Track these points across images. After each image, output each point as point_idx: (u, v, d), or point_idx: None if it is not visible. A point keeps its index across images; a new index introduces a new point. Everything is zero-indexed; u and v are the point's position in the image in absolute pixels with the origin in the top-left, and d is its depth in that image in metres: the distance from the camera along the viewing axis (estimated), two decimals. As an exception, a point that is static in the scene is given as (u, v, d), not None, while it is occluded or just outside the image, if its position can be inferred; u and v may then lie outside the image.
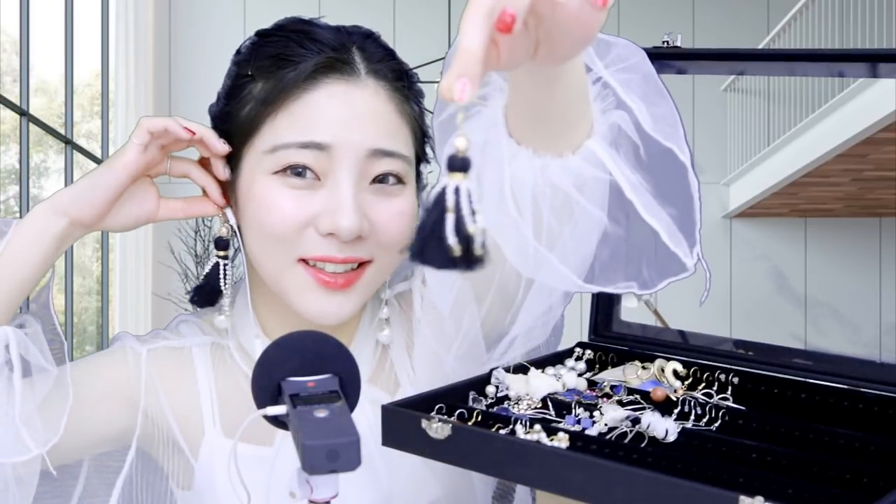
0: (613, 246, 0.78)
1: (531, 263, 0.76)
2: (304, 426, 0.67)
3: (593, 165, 0.73)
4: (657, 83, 0.77)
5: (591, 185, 0.74)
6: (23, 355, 0.87)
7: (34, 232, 0.88)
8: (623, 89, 0.75)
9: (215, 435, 0.96)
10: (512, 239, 0.75)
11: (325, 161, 0.88)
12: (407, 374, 0.99)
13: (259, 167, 0.90)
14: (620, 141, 0.75)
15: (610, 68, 0.76)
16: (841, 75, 1.06)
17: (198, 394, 0.98)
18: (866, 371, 0.85)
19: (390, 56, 0.93)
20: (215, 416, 0.97)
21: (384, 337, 0.99)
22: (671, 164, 0.76)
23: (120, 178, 0.89)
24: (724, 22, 8.71)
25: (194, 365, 0.99)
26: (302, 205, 0.88)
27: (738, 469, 0.72)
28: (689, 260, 0.75)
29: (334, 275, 0.89)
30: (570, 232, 0.75)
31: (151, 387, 0.97)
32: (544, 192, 0.73)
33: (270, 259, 0.91)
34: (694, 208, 0.76)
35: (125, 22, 7.87)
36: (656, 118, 0.75)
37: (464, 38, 0.54)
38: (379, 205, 0.90)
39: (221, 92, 0.95)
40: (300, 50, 0.89)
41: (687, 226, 0.76)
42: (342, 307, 0.90)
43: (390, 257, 0.92)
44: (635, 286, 0.78)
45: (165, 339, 1.00)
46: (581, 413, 0.83)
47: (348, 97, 0.89)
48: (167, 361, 0.98)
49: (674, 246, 0.74)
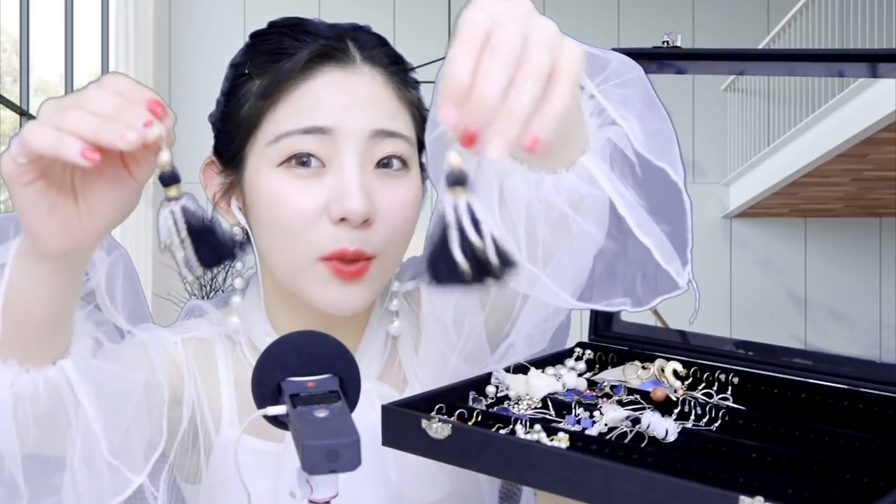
0: (608, 262, 0.79)
1: (524, 280, 0.76)
2: (304, 426, 0.67)
3: (588, 182, 0.73)
4: (653, 98, 0.77)
5: (588, 203, 0.74)
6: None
7: (25, 279, 0.72)
8: (617, 106, 0.75)
9: (231, 429, 0.95)
10: None
11: (328, 146, 0.88)
12: (415, 373, 0.99)
13: (263, 160, 0.90)
14: (616, 157, 0.75)
15: (605, 84, 0.76)
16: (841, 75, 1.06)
17: (220, 386, 0.97)
18: (866, 371, 0.85)
19: (383, 43, 0.94)
20: (233, 410, 0.97)
21: (394, 328, 0.99)
22: (665, 181, 0.76)
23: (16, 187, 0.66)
24: (724, 22, 8.70)
25: (216, 357, 0.98)
26: (311, 194, 0.88)
27: (738, 469, 0.72)
28: (681, 279, 0.75)
29: (347, 264, 0.89)
30: (567, 249, 0.75)
31: (192, 375, 0.96)
32: (539, 208, 0.73)
33: (288, 256, 0.90)
34: (686, 227, 0.76)
35: (125, 22, 7.87)
36: (650, 135, 0.75)
37: (452, 63, 0.55)
38: (383, 191, 0.90)
39: (220, 97, 0.96)
40: (294, 42, 0.90)
41: (680, 243, 0.76)
42: (357, 296, 0.90)
43: (394, 251, 0.92)
44: (629, 303, 0.79)
45: (192, 329, 0.99)
46: (581, 413, 0.83)
47: (345, 84, 0.89)
48: (198, 352, 0.97)
49: (666, 263, 0.74)
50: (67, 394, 0.77)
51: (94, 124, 0.61)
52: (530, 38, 0.58)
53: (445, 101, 0.56)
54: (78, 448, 0.79)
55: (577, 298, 0.78)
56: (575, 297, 0.78)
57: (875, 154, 6.75)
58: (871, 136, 6.33)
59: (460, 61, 0.56)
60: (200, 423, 0.96)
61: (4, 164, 0.65)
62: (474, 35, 0.57)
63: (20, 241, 0.71)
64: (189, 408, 0.95)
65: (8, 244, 0.73)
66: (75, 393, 0.77)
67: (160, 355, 0.91)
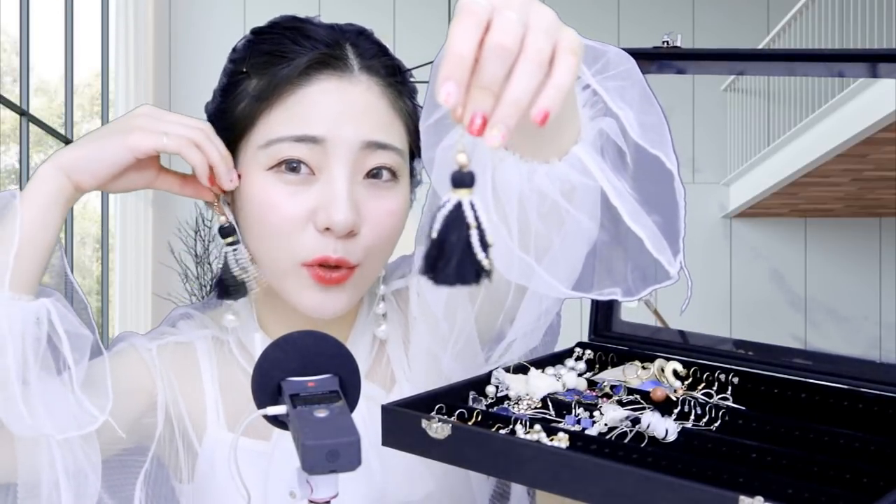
0: (599, 252, 0.79)
1: (516, 270, 0.76)
2: (304, 426, 0.67)
3: (580, 172, 0.73)
4: (647, 91, 0.78)
5: (581, 193, 0.74)
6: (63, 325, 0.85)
7: (45, 194, 0.86)
8: (613, 97, 0.75)
9: (218, 429, 0.97)
10: (497, 245, 0.75)
11: (319, 155, 0.88)
12: (403, 371, 0.99)
13: (254, 163, 0.90)
14: (607, 147, 0.75)
15: (600, 75, 0.76)
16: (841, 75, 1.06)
17: (203, 388, 0.98)
18: (866, 371, 0.85)
19: (383, 52, 0.94)
20: (219, 411, 0.97)
21: (381, 332, 1.00)
22: (658, 172, 0.76)
23: (128, 158, 0.87)
24: (724, 22, 8.70)
25: (198, 359, 0.99)
26: (298, 200, 0.89)
27: (738, 469, 0.72)
28: (672, 268, 0.75)
29: (329, 270, 0.90)
30: (560, 239, 0.75)
31: (167, 381, 0.97)
32: (531, 198, 0.73)
33: (271, 257, 0.91)
34: (679, 217, 0.76)
35: (125, 22, 7.87)
36: (645, 126, 0.76)
37: (453, 43, 0.55)
38: (371, 201, 0.90)
39: (217, 88, 0.96)
40: (294, 46, 0.90)
41: (671, 234, 0.76)
42: (337, 301, 0.91)
43: (377, 260, 0.94)
44: (619, 293, 0.79)
45: (171, 334, 1.01)
46: (581, 413, 0.83)
47: (341, 92, 0.89)
48: (175, 356, 0.99)
49: (657, 253, 0.74)
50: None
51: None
52: (531, 25, 0.58)
53: (446, 80, 0.56)
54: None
55: (572, 288, 0.78)
56: (569, 287, 0.78)
57: (875, 154, 6.75)
58: (871, 136, 6.33)
59: (460, 39, 0.56)
60: (179, 426, 0.97)
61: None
62: (475, 13, 0.57)
63: (63, 163, 0.86)
64: (164, 412, 0.96)
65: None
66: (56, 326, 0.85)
67: (124, 367, 0.95)
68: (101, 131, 0.89)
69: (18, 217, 0.84)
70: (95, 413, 0.85)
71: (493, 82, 0.57)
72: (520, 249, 0.75)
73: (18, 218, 0.84)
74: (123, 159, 0.87)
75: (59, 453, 0.85)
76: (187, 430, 0.97)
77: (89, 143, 0.88)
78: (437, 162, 0.77)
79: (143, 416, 0.95)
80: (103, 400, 0.86)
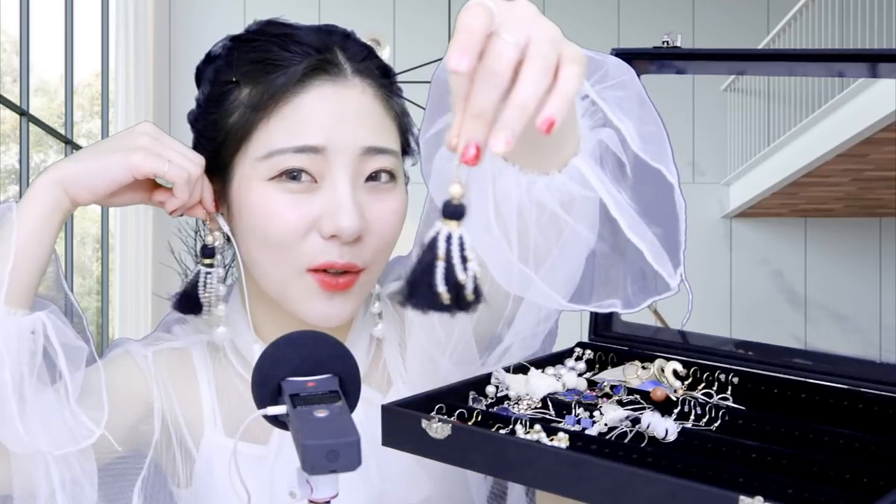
0: (599, 264, 0.79)
1: (515, 282, 0.76)
2: (304, 426, 0.67)
3: (579, 184, 0.73)
4: (645, 100, 0.78)
5: (580, 204, 0.74)
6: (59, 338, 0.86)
7: (42, 207, 0.86)
8: (613, 108, 0.75)
9: (215, 434, 0.96)
10: (497, 257, 0.75)
11: (320, 163, 0.88)
12: (400, 374, 0.99)
13: (254, 174, 0.89)
14: (607, 159, 0.75)
15: (599, 85, 0.76)
16: (841, 75, 1.06)
17: (199, 393, 0.98)
18: (866, 371, 0.85)
19: (371, 54, 0.94)
20: (216, 416, 0.97)
21: (378, 331, 1.00)
22: (658, 184, 0.76)
23: (127, 178, 0.88)
24: (724, 22, 8.70)
25: (194, 365, 0.99)
26: (301, 209, 0.88)
27: (738, 469, 0.72)
28: (673, 280, 0.75)
29: (335, 276, 0.90)
30: (559, 250, 0.75)
31: (164, 387, 0.97)
32: (530, 210, 0.73)
33: (275, 268, 0.91)
34: (679, 229, 0.76)
35: (125, 22, 7.86)
36: (645, 137, 0.76)
37: (465, 17, 0.55)
38: (374, 204, 0.91)
39: (202, 98, 0.95)
40: (285, 53, 0.89)
41: (672, 246, 0.76)
42: (343, 309, 0.91)
43: (381, 262, 0.94)
44: (619, 304, 0.79)
45: (166, 340, 1.00)
46: (581, 413, 0.83)
47: (338, 98, 0.89)
48: (171, 362, 0.99)
49: (658, 265, 0.74)
50: None
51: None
52: (535, 36, 0.58)
53: (459, 52, 0.55)
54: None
55: (570, 300, 0.78)
56: (567, 298, 0.78)
57: (875, 154, 6.75)
58: (871, 136, 6.33)
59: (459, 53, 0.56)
60: (176, 432, 0.97)
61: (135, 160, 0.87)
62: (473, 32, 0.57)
63: (61, 176, 0.86)
64: (160, 418, 0.96)
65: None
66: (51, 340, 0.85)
67: (120, 374, 0.95)
68: (101, 146, 0.89)
69: (15, 230, 0.84)
70: (92, 427, 0.85)
71: (487, 109, 0.57)
72: (519, 261, 0.74)
73: (15, 231, 0.84)
74: (123, 178, 0.87)
75: (55, 466, 0.85)
76: (184, 435, 0.97)
77: (89, 159, 0.88)
78: (433, 174, 0.77)
79: (139, 422, 0.95)
80: (99, 412, 0.86)
